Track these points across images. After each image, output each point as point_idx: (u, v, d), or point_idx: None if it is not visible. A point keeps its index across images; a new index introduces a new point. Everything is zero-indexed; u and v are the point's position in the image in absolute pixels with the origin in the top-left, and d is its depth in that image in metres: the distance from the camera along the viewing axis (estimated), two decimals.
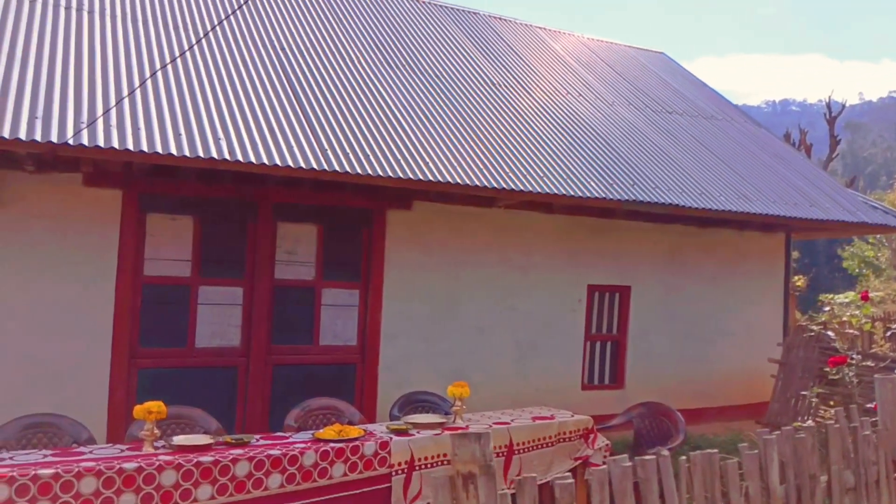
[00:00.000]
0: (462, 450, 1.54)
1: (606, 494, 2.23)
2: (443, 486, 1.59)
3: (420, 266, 6.84)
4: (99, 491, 3.51)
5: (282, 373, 6.31)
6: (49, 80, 5.30)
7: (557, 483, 2.06)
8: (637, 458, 2.50)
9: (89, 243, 5.54)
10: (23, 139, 4.55)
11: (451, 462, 1.56)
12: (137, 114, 5.29)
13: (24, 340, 5.28)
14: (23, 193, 5.32)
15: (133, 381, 5.73)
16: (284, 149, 5.57)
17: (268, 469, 3.93)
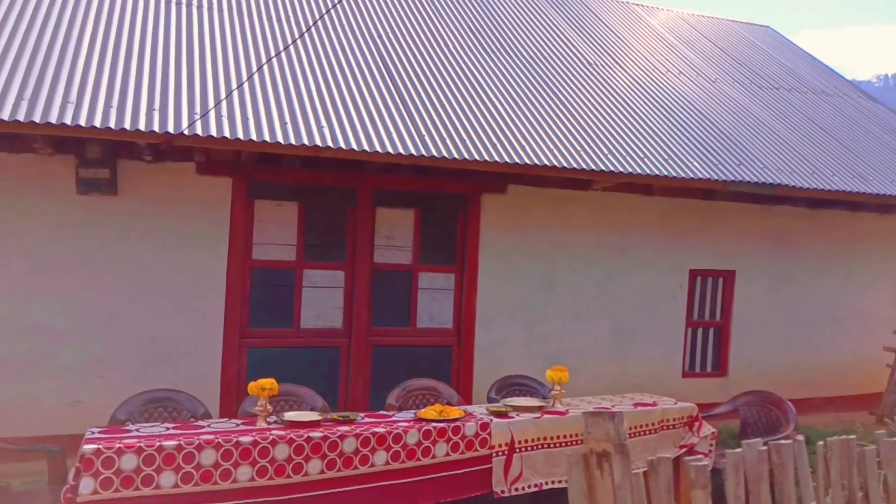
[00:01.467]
0: (596, 428, 1.54)
1: (741, 478, 2.18)
2: (577, 464, 1.59)
3: (515, 250, 6.82)
4: (218, 463, 3.71)
5: (381, 354, 6.47)
6: (164, 74, 5.59)
7: (692, 465, 2.03)
8: (772, 442, 2.43)
9: (202, 229, 5.82)
10: (142, 130, 4.83)
11: (584, 440, 1.56)
12: (246, 105, 5.51)
13: (144, 321, 5.64)
14: (140, 182, 5.64)
15: (243, 360, 6.02)
16: (384, 135, 5.68)
17: (373, 446, 4.05)
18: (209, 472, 3.69)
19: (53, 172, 5.36)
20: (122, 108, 4.98)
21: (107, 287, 5.55)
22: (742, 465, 2.21)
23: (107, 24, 6.11)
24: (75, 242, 5.46)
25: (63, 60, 5.39)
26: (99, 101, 4.98)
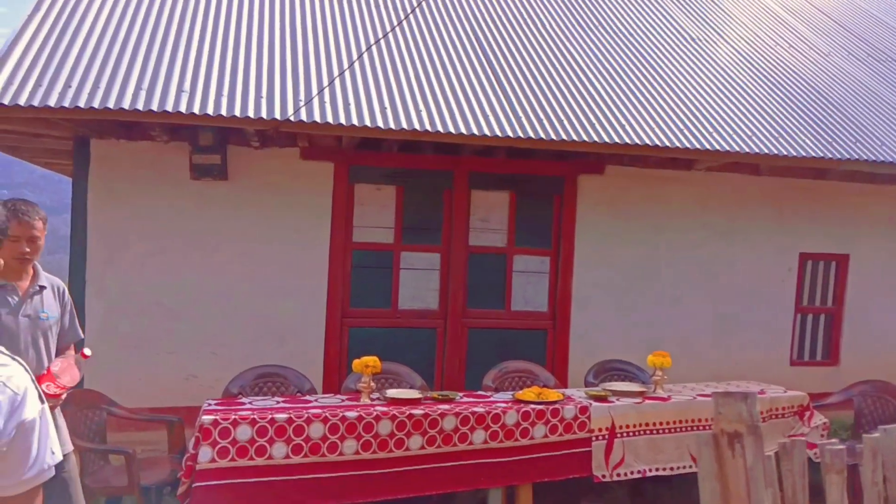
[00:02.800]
0: (727, 408, 1.51)
1: (879, 463, 2.09)
2: (706, 445, 1.56)
3: (613, 233, 6.70)
4: (326, 436, 3.87)
5: (476, 336, 6.52)
6: (270, 63, 5.80)
7: (828, 448, 1.97)
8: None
9: (306, 212, 6.03)
10: (251, 117, 5.03)
11: (714, 421, 1.53)
12: (347, 91, 5.64)
13: (255, 301, 5.90)
14: (249, 167, 5.88)
15: (345, 339, 6.20)
16: (480, 118, 5.68)
17: (472, 425, 4.10)
18: (317, 445, 3.84)
19: (169, 159, 5.67)
20: (232, 96, 5.21)
21: (219, 268, 5.84)
22: (879, 451, 2.11)
23: (215, 17, 6.39)
24: (189, 225, 5.77)
25: (176, 52, 5.68)
26: (210, 90, 5.22)
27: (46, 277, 3.21)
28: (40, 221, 3.06)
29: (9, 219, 2.87)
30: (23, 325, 3.05)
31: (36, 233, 3.03)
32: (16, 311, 3.04)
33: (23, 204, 3.04)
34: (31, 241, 3.02)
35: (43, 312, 3.13)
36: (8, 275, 3.03)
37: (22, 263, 3.03)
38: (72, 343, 3.35)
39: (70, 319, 3.32)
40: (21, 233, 2.97)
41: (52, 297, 3.20)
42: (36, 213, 3.05)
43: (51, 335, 3.17)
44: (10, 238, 2.89)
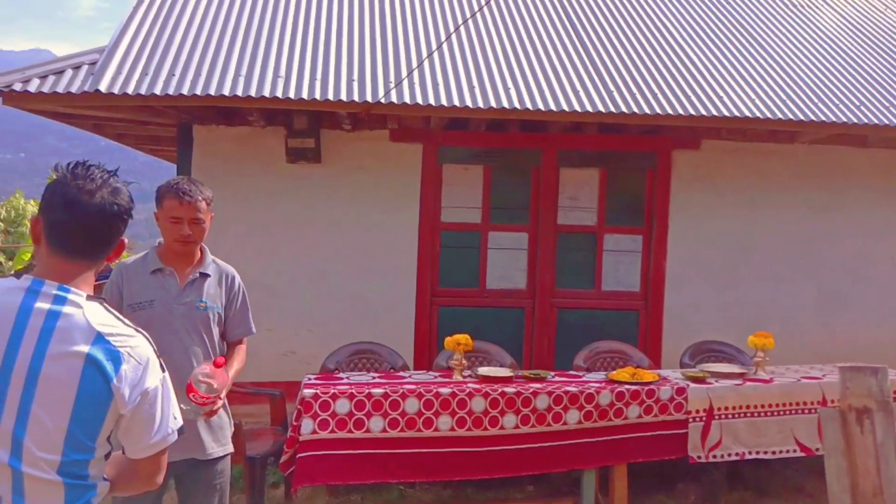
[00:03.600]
0: (855, 383, 1.44)
1: None
2: (832, 420, 1.51)
3: (709, 209, 6.47)
4: (421, 411, 3.94)
5: (565, 316, 6.46)
6: (360, 47, 5.89)
7: None
8: None
9: (395, 193, 6.11)
10: (343, 100, 5.14)
11: (841, 397, 1.47)
12: (436, 71, 5.67)
13: (349, 280, 6.05)
14: (341, 150, 6.01)
15: (434, 318, 6.28)
16: (570, 93, 5.59)
17: (566, 405, 4.09)
18: (413, 420, 3.92)
19: (265, 143, 5.86)
20: (325, 80, 5.32)
21: (314, 248, 6.01)
22: None
23: (307, 3, 6.53)
24: (285, 207, 5.96)
25: (272, 38, 5.85)
26: (305, 75, 5.36)
27: (215, 264, 2.96)
28: (204, 202, 2.81)
29: (167, 197, 2.78)
30: (177, 314, 2.82)
31: (200, 214, 2.79)
32: (172, 298, 2.82)
33: (185, 182, 2.83)
34: (193, 223, 2.78)
35: (201, 302, 2.86)
36: (169, 258, 2.86)
37: (184, 246, 2.81)
38: (242, 337, 3.06)
39: (239, 312, 3.01)
40: (183, 214, 2.76)
41: (217, 286, 2.92)
42: (199, 192, 2.80)
43: (212, 327, 2.89)
44: (170, 219, 2.77)
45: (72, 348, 1.51)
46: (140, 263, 2.90)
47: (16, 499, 1.50)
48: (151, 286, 2.83)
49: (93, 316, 1.56)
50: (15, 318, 1.51)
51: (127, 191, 1.67)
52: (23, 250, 15.10)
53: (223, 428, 2.98)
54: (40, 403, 1.49)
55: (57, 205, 1.58)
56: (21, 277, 1.58)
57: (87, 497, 1.58)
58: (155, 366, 1.63)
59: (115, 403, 1.55)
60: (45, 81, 4.97)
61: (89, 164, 1.63)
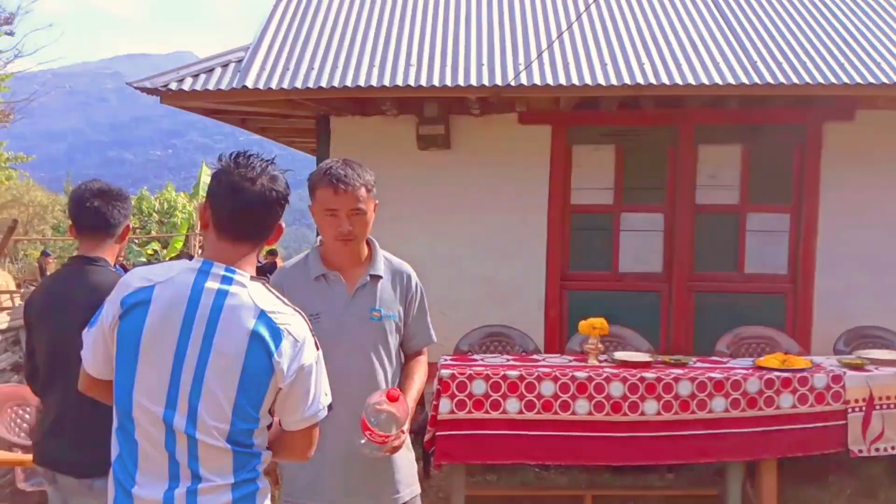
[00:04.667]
0: None
1: None
2: None
3: (864, 186, 5.97)
4: (557, 394, 3.92)
5: (704, 300, 6.19)
6: (489, 31, 5.89)
7: None
8: None
9: (524, 177, 6.08)
10: (474, 85, 5.16)
11: None
12: (566, 52, 5.57)
13: (480, 264, 6.09)
14: (470, 135, 6.04)
15: (564, 302, 6.21)
16: (709, 66, 5.33)
17: (710, 391, 3.93)
18: (549, 402, 3.91)
19: (397, 132, 6.00)
20: (455, 66, 5.37)
21: (445, 233, 6.10)
22: None
23: None
24: (417, 194, 6.08)
25: (403, 27, 5.97)
26: (435, 62, 5.43)
27: (387, 262, 2.49)
28: (364, 188, 2.31)
29: (319, 186, 2.32)
30: (348, 327, 2.35)
31: (360, 204, 2.29)
32: (340, 308, 2.36)
33: (340, 166, 2.33)
34: (353, 214, 2.30)
35: (374, 311, 2.38)
36: (333, 260, 2.41)
37: (346, 245, 2.34)
38: (422, 347, 2.55)
39: (418, 317, 2.51)
40: (339, 205, 2.28)
41: (392, 290, 2.45)
42: (357, 176, 2.30)
43: (389, 339, 2.41)
44: (325, 212, 2.31)
45: (239, 324, 1.63)
46: (301, 268, 2.44)
47: (191, 463, 1.63)
48: (316, 296, 2.35)
49: (256, 295, 1.68)
50: (188, 296, 1.64)
51: (284, 178, 1.77)
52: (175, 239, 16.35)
53: (408, 465, 2.49)
54: (212, 375, 1.62)
55: (222, 192, 1.70)
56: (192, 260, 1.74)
57: (252, 464, 1.69)
58: (310, 344, 1.72)
59: (276, 377, 1.65)
60: (197, 80, 5.33)
61: (249, 154, 1.74)
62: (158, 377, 1.63)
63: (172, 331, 1.63)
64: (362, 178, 2.31)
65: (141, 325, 1.64)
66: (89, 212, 2.54)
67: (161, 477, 1.64)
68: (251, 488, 1.69)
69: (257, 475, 1.71)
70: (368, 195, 2.34)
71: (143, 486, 1.64)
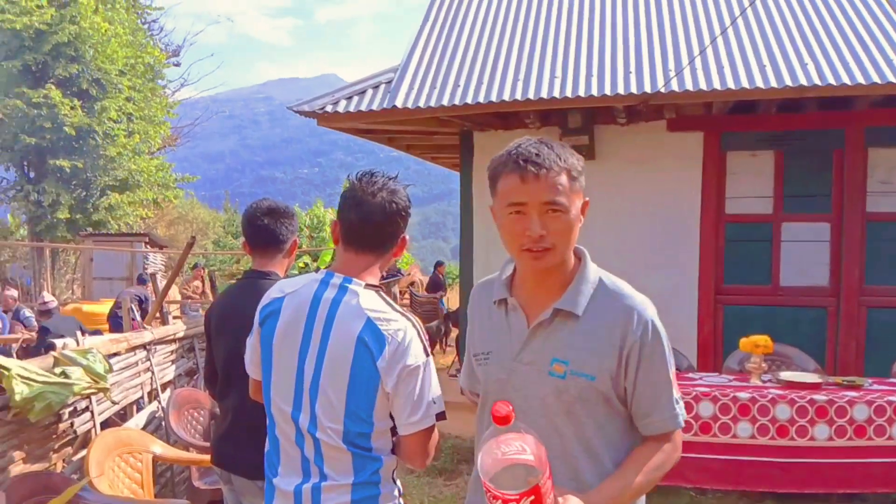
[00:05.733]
0: None
1: None
2: None
3: None
4: (716, 416, 3.72)
5: (877, 316, 5.67)
6: (637, 39, 5.75)
7: None
8: None
9: (674, 186, 5.86)
10: (621, 94, 5.05)
11: None
12: (720, 56, 5.32)
13: (625, 276, 5.85)
14: (615, 145, 5.91)
15: (719, 317, 5.91)
16: (881, 62, 4.91)
17: (890, 417, 3.59)
18: (708, 424, 3.73)
19: None
20: (601, 75, 5.28)
21: (589, 245, 5.92)
22: None
23: (580, 3, 6.52)
24: None
25: (546, 40, 5.95)
26: (580, 72, 5.37)
27: (601, 291, 1.61)
28: (565, 174, 1.53)
29: (503, 174, 1.54)
30: (519, 380, 1.60)
31: (559, 197, 1.51)
32: (511, 350, 1.62)
33: (533, 144, 1.54)
34: (548, 211, 1.52)
35: (556, 362, 1.56)
36: (523, 281, 1.66)
37: (537, 259, 1.54)
38: (660, 432, 1.60)
39: (649, 382, 1.55)
40: (528, 197, 1.51)
41: (600, 335, 1.56)
42: (556, 158, 1.52)
43: (586, 410, 1.57)
44: (509, 208, 1.54)
45: (347, 330, 1.71)
46: (487, 287, 1.75)
47: (317, 461, 1.73)
48: (491, 327, 1.68)
49: (366, 302, 1.74)
50: (309, 305, 1.77)
51: (404, 192, 1.84)
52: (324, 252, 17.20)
53: None
54: (326, 378, 1.71)
55: (348, 207, 1.82)
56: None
57: (373, 468, 1.73)
58: (417, 349, 1.72)
59: (382, 381, 1.69)
60: (350, 102, 5.58)
61: (373, 172, 1.84)
62: (286, 380, 1.77)
63: (296, 337, 1.76)
64: (563, 161, 1.51)
65: (272, 332, 1.80)
66: (260, 229, 2.70)
67: (296, 471, 1.77)
68: (372, 492, 1.73)
69: (379, 479, 1.75)
70: (572, 185, 1.52)
71: (282, 478, 1.79)
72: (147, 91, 18.07)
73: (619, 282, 1.65)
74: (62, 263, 17.31)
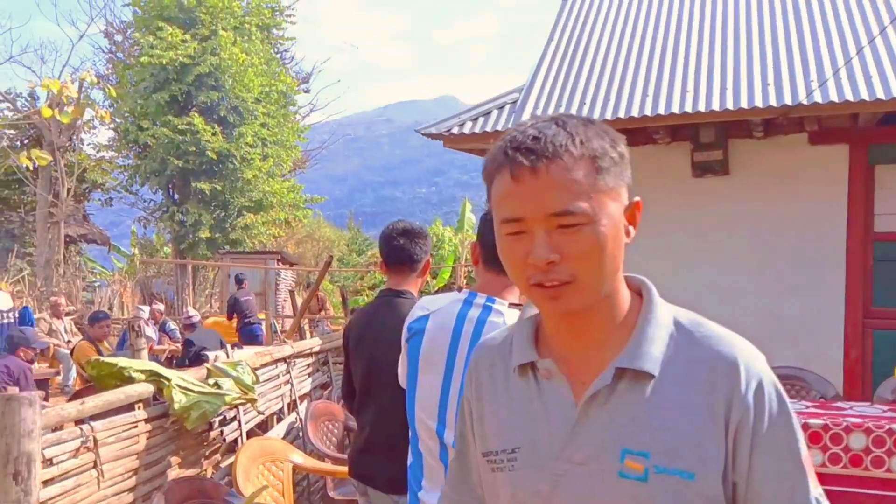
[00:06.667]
0: None
1: None
2: None
3: None
4: (868, 448, 3.45)
5: None
6: (773, 50, 5.50)
7: None
8: None
9: (815, 202, 5.53)
10: (759, 106, 4.84)
11: None
12: (867, 66, 5.01)
13: (763, 297, 5.64)
14: (751, 160, 5.66)
15: (867, 342, 5.49)
16: None
17: None
18: (859, 457, 3.46)
19: (670, 159, 5.82)
20: (737, 88, 5.09)
21: (723, 264, 5.75)
22: None
23: (712, 15, 6.32)
24: (692, 223, 5.82)
25: (676, 54, 5.81)
26: (714, 86, 5.20)
27: (677, 338, 1.02)
28: (583, 164, 0.95)
29: (497, 174, 1.00)
30: (567, 487, 1.00)
31: (573, 204, 0.94)
32: (552, 441, 1.02)
33: (536, 125, 0.99)
34: (556, 225, 0.95)
35: (632, 457, 0.97)
36: (554, 335, 1.08)
37: (553, 299, 0.97)
38: None
39: (772, 466, 0.97)
40: (524, 207, 0.96)
41: (689, 405, 0.98)
42: (565, 142, 0.95)
43: None
44: (503, 225, 1.01)
45: None
46: (498, 349, 1.17)
47: None
48: (513, 409, 1.09)
49: (511, 321, 1.73)
50: (454, 324, 1.82)
51: None
52: (443, 270, 17.46)
53: None
54: None
55: (489, 229, 1.84)
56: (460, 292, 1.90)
57: None
58: None
59: None
60: (476, 123, 5.68)
61: None
62: (431, 396, 1.83)
63: (441, 354, 1.82)
64: (578, 144, 0.96)
65: (418, 349, 1.86)
66: (396, 249, 2.78)
67: (440, 486, 1.80)
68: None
69: None
70: (599, 180, 0.96)
71: (427, 492, 1.84)
72: (280, 117, 19.15)
73: (705, 321, 1.04)
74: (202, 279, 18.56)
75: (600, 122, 1.02)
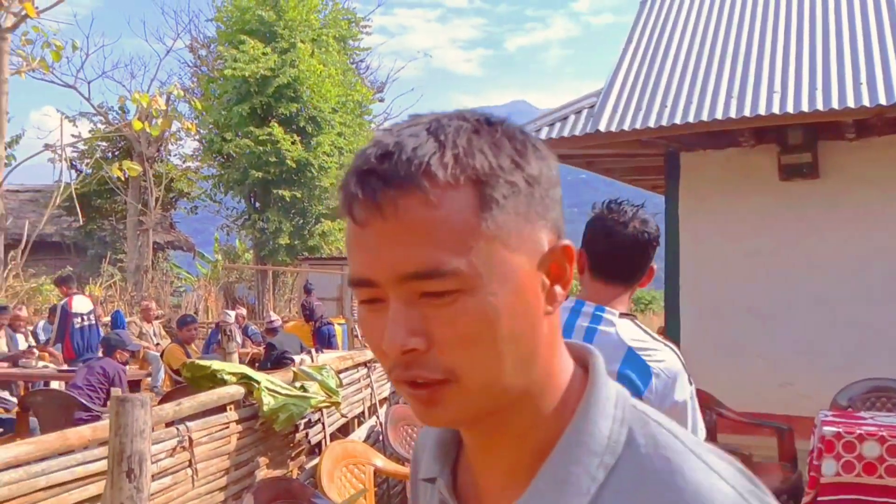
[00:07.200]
0: None
1: None
2: None
3: None
4: None
5: None
6: (866, 48, 5.26)
7: None
8: None
9: None
10: (852, 107, 4.64)
11: None
12: None
13: (856, 306, 5.38)
14: (842, 162, 5.44)
15: None
16: None
17: None
18: None
19: (755, 163, 5.64)
20: (827, 88, 4.90)
21: (812, 270, 5.53)
22: None
23: (798, 13, 6.08)
24: (779, 227, 5.62)
25: (762, 55, 5.63)
26: (803, 86, 5.01)
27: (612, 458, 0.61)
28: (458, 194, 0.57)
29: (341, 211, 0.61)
30: None
31: (441, 262, 0.57)
32: None
33: (394, 132, 0.59)
34: (419, 294, 0.58)
35: None
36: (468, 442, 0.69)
37: (423, 405, 0.61)
38: None
39: None
40: (371, 266, 0.59)
41: None
42: (429, 158, 0.56)
43: None
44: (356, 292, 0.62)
45: (606, 360, 1.67)
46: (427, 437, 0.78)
47: None
48: None
49: (624, 332, 1.70)
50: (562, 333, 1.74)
51: (654, 221, 1.80)
52: None
53: None
54: None
55: (598, 237, 1.79)
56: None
57: None
58: (683, 380, 1.68)
59: None
60: (553, 128, 5.64)
61: (620, 201, 1.82)
62: None
63: None
64: (450, 162, 0.57)
65: None
66: None
67: None
68: None
69: None
70: (485, 218, 0.58)
71: None
72: (356, 126, 19.51)
73: (675, 442, 0.62)
74: (281, 284, 19.08)
75: (509, 126, 0.62)
